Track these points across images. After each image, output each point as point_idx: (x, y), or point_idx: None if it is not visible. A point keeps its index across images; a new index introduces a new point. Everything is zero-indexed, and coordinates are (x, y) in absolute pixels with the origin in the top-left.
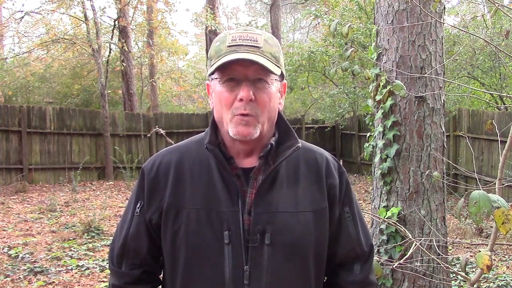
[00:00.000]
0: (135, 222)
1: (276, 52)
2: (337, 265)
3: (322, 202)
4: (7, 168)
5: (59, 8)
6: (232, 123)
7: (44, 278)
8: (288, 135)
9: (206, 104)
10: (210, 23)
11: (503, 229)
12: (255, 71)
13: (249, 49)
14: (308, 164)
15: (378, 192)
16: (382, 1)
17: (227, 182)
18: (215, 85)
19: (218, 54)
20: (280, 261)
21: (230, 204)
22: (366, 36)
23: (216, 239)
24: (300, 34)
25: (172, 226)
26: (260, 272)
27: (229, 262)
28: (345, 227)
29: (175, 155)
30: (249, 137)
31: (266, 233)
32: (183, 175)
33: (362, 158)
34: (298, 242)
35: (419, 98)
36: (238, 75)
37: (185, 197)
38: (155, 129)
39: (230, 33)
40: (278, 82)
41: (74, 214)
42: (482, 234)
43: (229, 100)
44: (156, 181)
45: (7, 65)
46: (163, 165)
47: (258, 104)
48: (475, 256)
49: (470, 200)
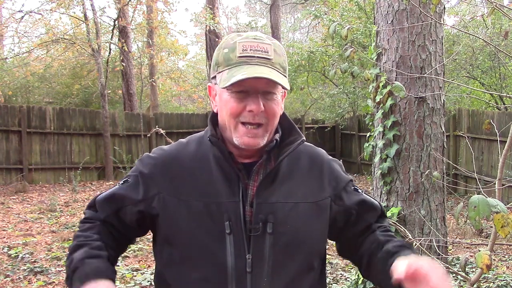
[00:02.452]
0: (114, 189)
1: (283, 62)
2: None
3: (323, 193)
4: (7, 168)
5: (58, 8)
6: (238, 133)
7: (44, 278)
8: (291, 131)
9: (206, 104)
10: (209, 23)
11: (502, 233)
12: (265, 84)
13: (260, 61)
14: (309, 157)
15: (378, 192)
16: (382, 1)
17: (227, 174)
18: (222, 92)
19: (227, 63)
20: (281, 250)
21: (230, 195)
22: (366, 36)
23: (217, 229)
24: (300, 34)
25: (172, 217)
26: (262, 261)
27: (231, 251)
28: (363, 200)
29: (175, 149)
30: (256, 147)
31: (268, 223)
32: (183, 168)
33: (362, 158)
34: (300, 232)
35: (419, 98)
36: (248, 87)
37: (185, 190)
38: (155, 129)
39: (240, 42)
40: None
41: (74, 214)
42: (482, 234)
43: (237, 110)
44: (154, 173)
45: (7, 65)
46: (163, 157)
47: (268, 114)
48: (475, 255)
49: (470, 205)
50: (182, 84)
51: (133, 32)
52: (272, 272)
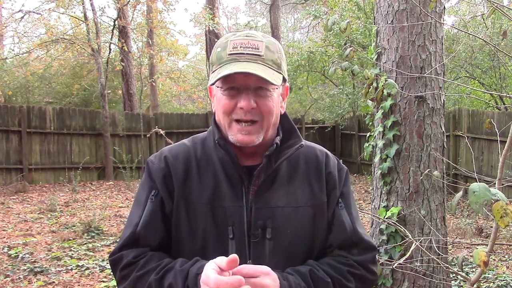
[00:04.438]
0: (148, 210)
1: (278, 59)
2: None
3: (322, 197)
4: (7, 168)
5: (58, 8)
6: (232, 130)
7: (44, 278)
8: (292, 134)
9: (206, 104)
10: (208, 23)
11: (502, 223)
12: (256, 80)
13: (249, 58)
14: (308, 160)
15: (378, 192)
16: (382, 1)
17: (232, 178)
18: (217, 91)
19: (219, 62)
20: (281, 255)
21: (235, 200)
22: (365, 36)
23: (221, 234)
24: (300, 34)
25: (180, 219)
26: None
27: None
28: (338, 215)
29: (182, 150)
30: (251, 144)
31: (267, 228)
32: (190, 169)
33: (362, 158)
34: (299, 237)
35: (419, 98)
36: (239, 84)
37: (192, 192)
38: (154, 129)
39: (232, 40)
40: (280, 87)
41: (74, 214)
42: (482, 234)
43: (229, 107)
44: (166, 171)
45: (7, 65)
46: (171, 158)
47: (262, 111)
48: (473, 254)
49: (470, 191)
50: (182, 84)
51: (133, 32)
52: None
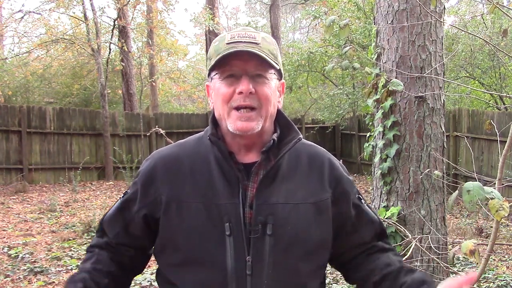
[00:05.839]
0: (117, 205)
1: (274, 50)
2: (362, 252)
3: (323, 194)
4: (7, 168)
5: (58, 8)
6: (231, 118)
7: (44, 278)
8: (289, 130)
9: (206, 104)
10: (208, 24)
11: (498, 216)
12: (254, 66)
13: (247, 45)
14: (309, 157)
15: (378, 192)
16: (382, 1)
17: (227, 175)
18: (215, 82)
19: (217, 53)
20: (281, 251)
21: (230, 197)
22: (365, 36)
23: (217, 231)
24: (300, 34)
25: (173, 219)
26: (262, 263)
27: (231, 253)
28: (366, 212)
29: (174, 150)
30: (251, 131)
31: (268, 224)
32: (182, 168)
33: (362, 158)
34: (299, 233)
35: (419, 98)
36: (237, 70)
37: (185, 191)
38: (154, 129)
39: (229, 33)
40: (276, 80)
41: (74, 214)
42: (482, 234)
43: (227, 94)
44: (152, 172)
45: (6, 65)
46: (159, 160)
47: (260, 97)
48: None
49: (463, 189)
50: (182, 84)
51: (133, 32)
52: (273, 274)
